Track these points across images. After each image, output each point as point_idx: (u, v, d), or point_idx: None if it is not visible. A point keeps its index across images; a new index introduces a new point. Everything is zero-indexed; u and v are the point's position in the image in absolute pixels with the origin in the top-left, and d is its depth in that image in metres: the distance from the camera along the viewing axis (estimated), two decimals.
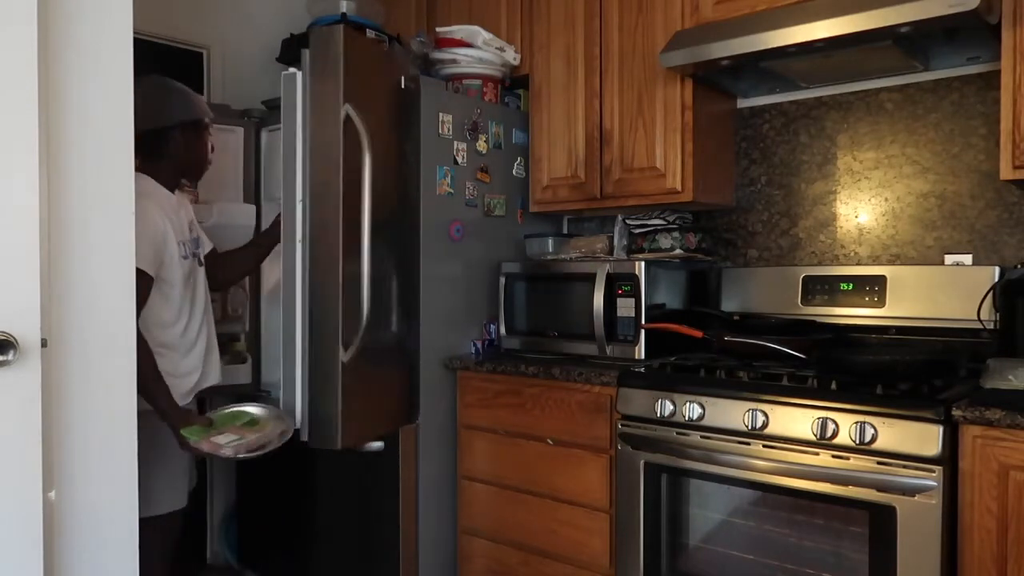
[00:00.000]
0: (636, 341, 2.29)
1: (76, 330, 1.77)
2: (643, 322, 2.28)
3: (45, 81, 1.66)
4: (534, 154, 2.75)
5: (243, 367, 2.77)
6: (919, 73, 2.25)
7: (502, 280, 2.60)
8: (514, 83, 2.84)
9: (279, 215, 2.23)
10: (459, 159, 2.57)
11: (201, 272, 2.17)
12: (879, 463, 1.65)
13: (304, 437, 2.13)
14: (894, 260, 2.31)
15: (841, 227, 2.41)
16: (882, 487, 1.64)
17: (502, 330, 2.61)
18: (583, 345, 2.39)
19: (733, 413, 1.86)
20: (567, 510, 2.24)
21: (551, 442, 2.28)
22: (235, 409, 2.14)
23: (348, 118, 2.07)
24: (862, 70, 2.26)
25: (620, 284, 2.32)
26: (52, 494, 1.71)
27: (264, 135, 2.93)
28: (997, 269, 2.05)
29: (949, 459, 1.59)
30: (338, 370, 2.08)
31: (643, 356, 2.28)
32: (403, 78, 2.37)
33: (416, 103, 2.42)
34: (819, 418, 1.72)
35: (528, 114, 2.79)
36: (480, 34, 2.66)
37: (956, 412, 1.58)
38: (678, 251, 2.52)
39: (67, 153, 1.75)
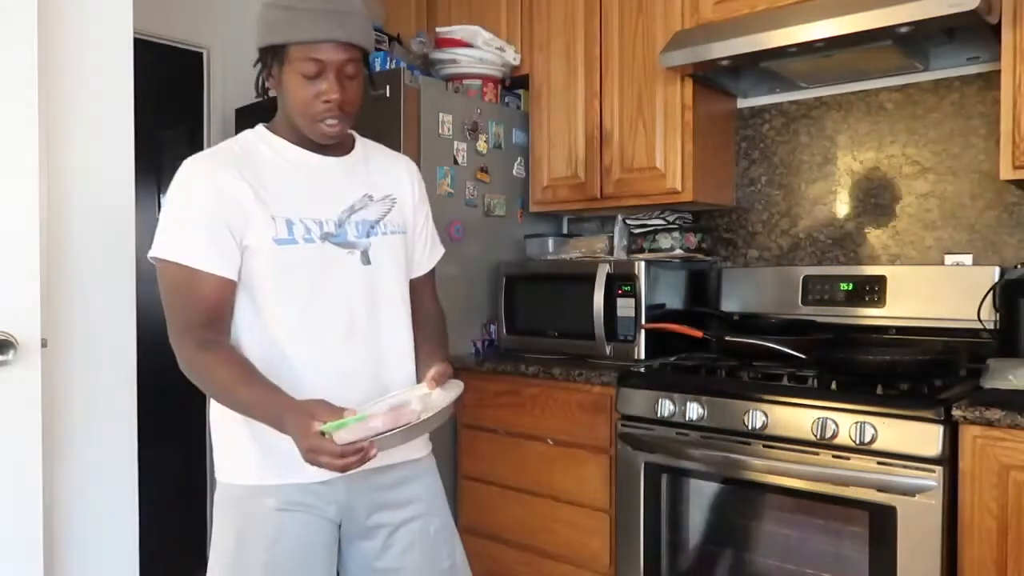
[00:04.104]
0: (636, 341, 2.29)
1: (76, 330, 1.77)
2: (643, 322, 2.28)
3: (45, 82, 1.66)
4: (534, 154, 2.75)
5: None
6: (919, 73, 2.25)
7: (502, 280, 2.60)
8: (514, 83, 2.84)
9: None
10: (459, 159, 2.57)
11: (364, 271, 1.40)
12: (879, 463, 1.64)
13: None
14: (894, 260, 2.31)
15: (841, 227, 2.41)
16: (882, 487, 1.64)
17: (502, 330, 2.61)
18: (583, 345, 2.39)
19: (733, 413, 1.86)
20: (567, 510, 2.24)
21: (551, 442, 2.28)
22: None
23: None
24: (862, 70, 2.26)
25: (620, 284, 2.32)
26: (52, 494, 1.71)
27: None
28: (997, 269, 2.05)
29: (949, 459, 1.59)
30: None
31: (643, 356, 2.28)
32: None
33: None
34: (819, 418, 1.72)
35: (528, 114, 2.79)
36: (480, 34, 2.66)
37: (956, 412, 1.58)
38: (678, 251, 2.52)
39: (67, 154, 1.75)
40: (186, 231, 1.28)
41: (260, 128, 1.41)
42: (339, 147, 1.42)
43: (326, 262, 1.35)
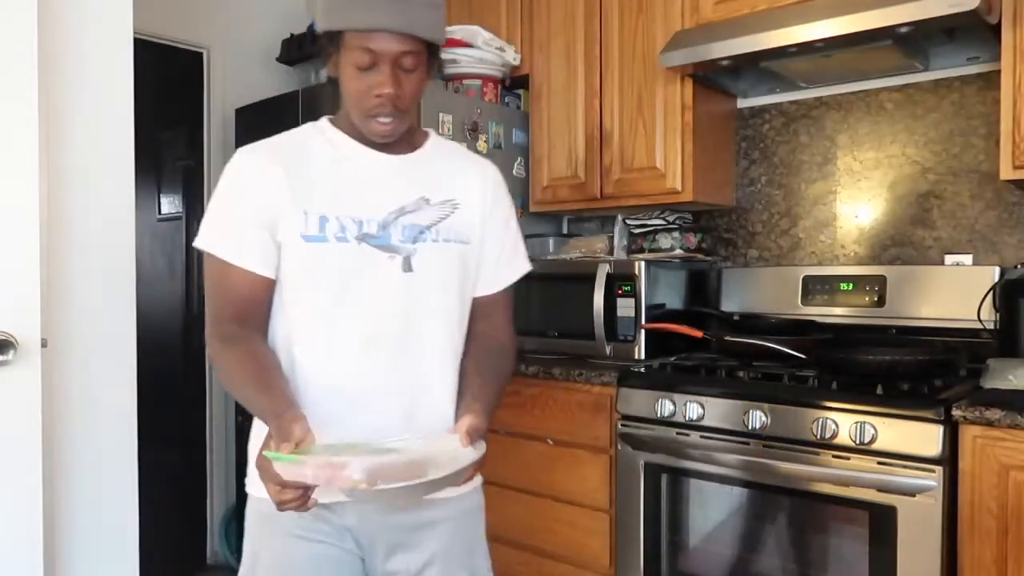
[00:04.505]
0: (636, 341, 2.29)
1: (76, 330, 1.77)
2: (643, 322, 2.28)
3: (45, 82, 1.66)
4: (534, 154, 2.75)
5: None
6: (919, 73, 2.25)
7: None
8: (514, 83, 2.84)
9: None
10: None
11: (403, 279, 1.24)
12: (879, 463, 1.64)
13: None
14: (894, 260, 2.31)
15: (841, 227, 2.41)
16: (882, 487, 1.64)
17: None
18: (583, 345, 2.39)
19: (733, 413, 1.86)
20: (567, 510, 2.24)
21: (551, 442, 2.28)
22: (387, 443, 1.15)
23: None
24: (862, 70, 2.26)
25: (620, 284, 2.32)
26: (52, 494, 1.71)
27: None
28: (997, 269, 2.05)
29: (949, 459, 1.59)
30: None
31: (643, 356, 2.28)
32: None
33: None
34: (819, 418, 1.72)
35: (528, 114, 2.79)
36: (480, 34, 2.66)
37: (956, 412, 1.58)
38: (678, 251, 2.52)
39: (67, 154, 1.75)
40: (222, 223, 1.22)
41: (323, 120, 1.32)
42: (403, 144, 1.30)
43: (359, 265, 1.21)
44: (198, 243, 1.23)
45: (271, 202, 1.20)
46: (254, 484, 1.24)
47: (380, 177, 1.27)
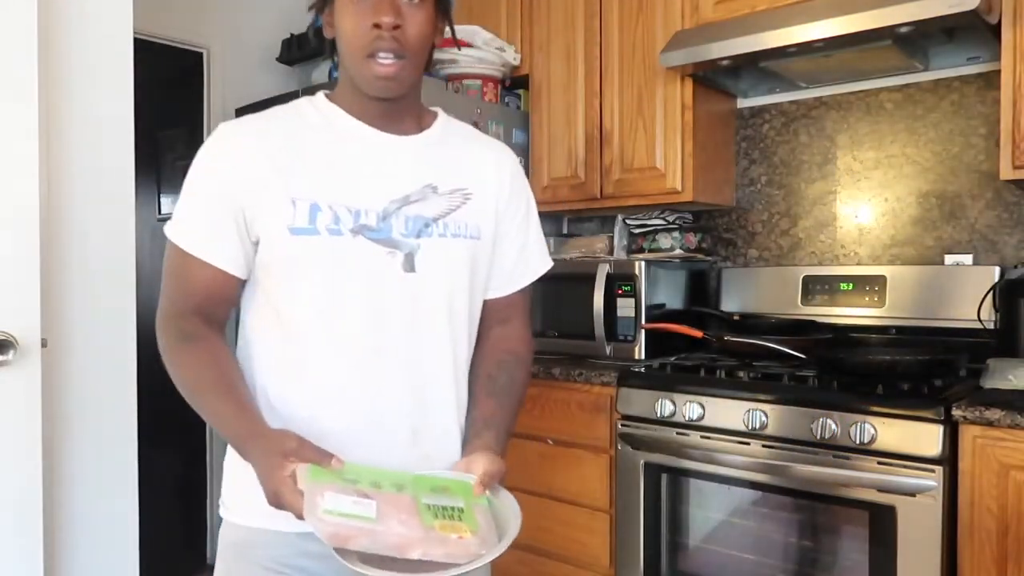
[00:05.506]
0: (636, 341, 2.29)
1: (76, 330, 1.77)
2: (643, 322, 2.28)
3: (45, 82, 1.66)
4: (534, 154, 2.75)
5: None
6: (919, 73, 2.25)
7: None
8: (514, 83, 2.84)
9: None
10: None
11: (405, 281, 1.09)
12: (879, 463, 1.64)
13: None
14: (894, 260, 2.31)
15: (841, 227, 2.41)
16: (882, 487, 1.64)
17: None
18: (583, 345, 2.39)
19: (733, 413, 1.86)
20: (567, 510, 2.24)
21: (551, 442, 2.28)
22: (434, 475, 1.05)
23: None
24: (862, 70, 2.26)
25: (620, 284, 2.32)
26: (52, 494, 1.71)
27: None
28: (997, 269, 2.05)
29: (949, 459, 1.59)
30: None
31: (643, 356, 2.28)
32: None
33: None
34: (819, 418, 1.72)
35: (528, 114, 2.79)
36: (480, 34, 2.66)
37: (956, 412, 1.58)
38: (678, 251, 2.52)
39: (67, 154, 1.75)
40: (189, 211, 1.08)
41: (319, 94, 1.15)
42: (408, 124, 1.14)
43: (354, 262, 1.05)
44: (166, 230, 1.09)
45: (250, 189, 1.04)
46: (230, 508, 1.13)
47: (381, 160, 1.10)
